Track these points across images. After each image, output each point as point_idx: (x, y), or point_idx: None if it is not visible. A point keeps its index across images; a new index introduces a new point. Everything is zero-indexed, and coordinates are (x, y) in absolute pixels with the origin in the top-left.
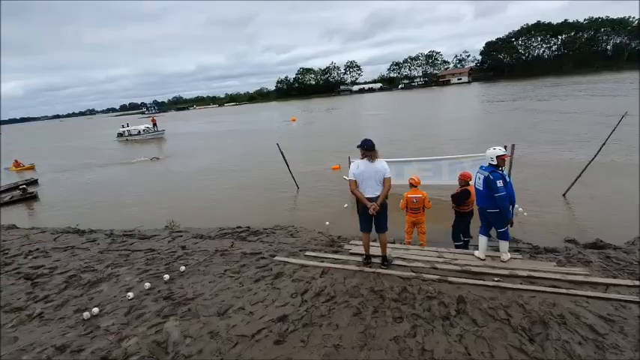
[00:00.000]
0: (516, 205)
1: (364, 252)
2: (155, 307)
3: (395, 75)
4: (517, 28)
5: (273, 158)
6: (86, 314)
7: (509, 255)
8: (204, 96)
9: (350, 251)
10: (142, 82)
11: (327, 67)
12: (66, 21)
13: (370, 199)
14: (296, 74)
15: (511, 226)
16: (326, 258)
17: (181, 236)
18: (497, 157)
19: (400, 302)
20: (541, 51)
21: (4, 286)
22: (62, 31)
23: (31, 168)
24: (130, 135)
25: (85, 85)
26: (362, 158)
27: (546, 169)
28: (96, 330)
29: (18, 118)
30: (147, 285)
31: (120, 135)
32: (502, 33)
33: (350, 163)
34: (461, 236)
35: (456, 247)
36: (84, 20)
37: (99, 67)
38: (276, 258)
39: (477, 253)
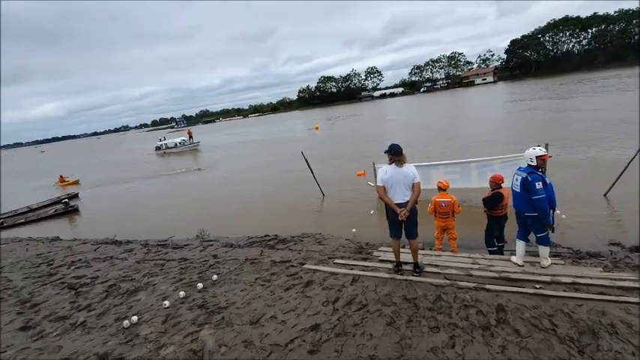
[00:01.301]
0: (557, 211)
1: (394, 259)
2: (190, 315)
3: (416, 78)
4: (543, 24)
5: (298, 166)
6: (126, 322)
7: (549, 260)
8: (230, 108)
9: (379, 258)
10: (171, 98)
11: (347, 75)
12: (101, 44)
13: (399, 205)
14: (317, 83)
15: (552, 232)
16: (355, 265)
17: (212, 245)
18: (537, 157)
19: (435, 311)
20: (570, 46)
21: (49, 295)
22: (97, 53)
23: (76, 183)
24: (167, 148)
25: (120, 103)
26: (390, 163)
27: (583, 168)
28: (135, 338)
29: (60, 136)
30: (181, 294)
31: (158, 148)
32: (527, 30)
33: (375, 169)
34: (495, 241)
35: (490, 252)
36: (117, 43)
37: (132, 85)
38: (305, 266)
39: (514, 258)
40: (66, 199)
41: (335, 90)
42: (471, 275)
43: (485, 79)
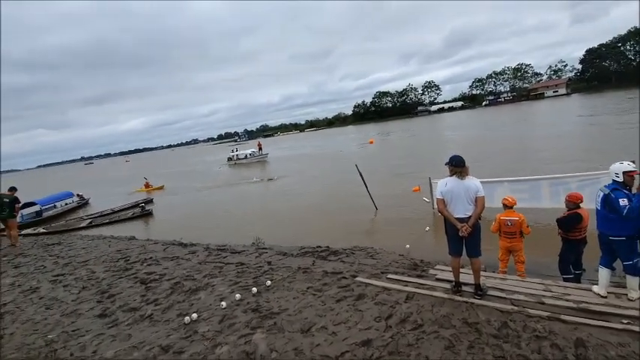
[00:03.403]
0: None
1: (453, 278)
2: (244, 317)
3: (478, 92)
4: (623, 32)
5: (352, 179)
6: (187, 319)
7: (639, 292)
8: (287, 123)
9: (436, 277)
10: (235, 114)
11: (403, 89)
12: (180, 68)
13: (460, 220)
14: (372, 98)
15: None
16: (410, 282)
17: (267, 252)
18: (625, 172)
19: (501, 339)
20: None
21: (124, 288)
22: (176, 76)
23: (160, 188)
24: (238, 159)
25: (191, 119)
26: (450, 175)
27: None
28: (194, 334)
29: (141, 148)
30: (237, 296)
31: (229, 159)
32: (605, 38)
33: (431, 184)
34: (571, 268)
35: (565, 280)
36: (193, 66)
37: (202, 103)
38: (357, 279)
39: (595, 288)
40: (142, 204)
41: (390, 105)
42: (543, 303)
43: (557, 91)
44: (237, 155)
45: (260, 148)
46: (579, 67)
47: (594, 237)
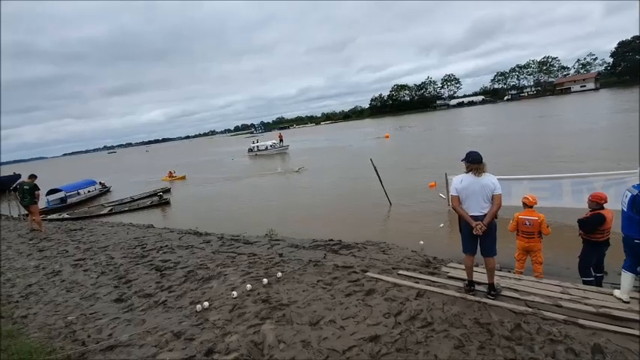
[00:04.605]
0: None
1: (466, 277)
2: (254, 308)
3: (500, 86)
4: None
5: (367, 173)
6: (199, 307)
7: None
8: (303, 116)
9: (448, 274)
10: (252, 106)
11: (422, 83)
12: (199, 60)
13: (475, 218)
14: (390, 91)
15: None
16: (421, 279)
17: (279, 244)
18: None
19: (514, 341)
20: None
21: (140, 274)
22: (195, 68)
23: (182, 178)
24: (259, 150)
25: (209, 111)
26: (466, 172)
27: None
28: (205, 322)
29: (160, 139)
30: (248, 286)
31: (250, 150)
32: None
33: (447, 180)
34: (592, 271)
35: (585, 283)
36: (211, 57)
37: (220, 95)
38: (368, 274)
39: (617, 292)
40: (160, 193)
41: (408, 98)
42: (560, 306)
43: (585, 85)
44: (257, 147)
45: (281, 140)
46: (610, 60)
47: (618, 239)
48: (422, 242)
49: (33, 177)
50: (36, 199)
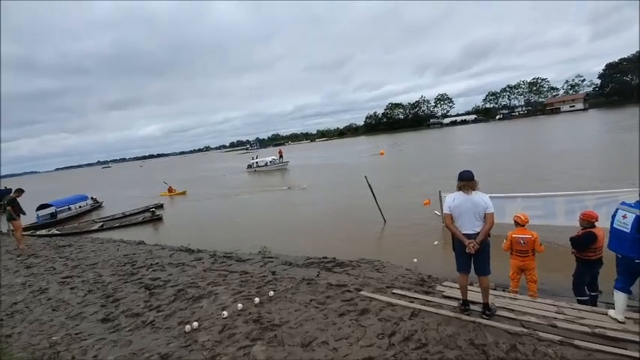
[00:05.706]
0: None
1: (461, 296)
2: (245, 328)
3: (492, 105)
4: None
5: (361, 190)
6: (187, 327)
7: None
8: (298, 133)
9: (443, 294)
10: (249, 122)
11: (416, 101)
12: (199, 75)
13: (468, 236)
14: (384, 109)
15: None
16: (416, 298)
17: (272, 262)
18: None
19: None
20: None
21: (128, 292)
22: (193, 83)
23: (183, 193)
24: (258, 166)
25: (205, 126)
26: (458, 190)
27: None
28: (194, 344)
29: (155, 154)
30: (239, 306)
31: (249, 166)
32: (626, 53)
33: (440, 198)
34: (586, 290)
35: (579, 302)
36: (211, 73)
37: (218, 111)
38: (361, 293)
39: (612, 312)
40: (153, 209)
41: (402, 117)
42: (555, 326)
43: (574, 105)
44: (257, 162)
45: (281, 156)
46: (598, 82)
47: (609, 258)
48: (415, 260)
49: (19, 191)
50: (13, 214)
